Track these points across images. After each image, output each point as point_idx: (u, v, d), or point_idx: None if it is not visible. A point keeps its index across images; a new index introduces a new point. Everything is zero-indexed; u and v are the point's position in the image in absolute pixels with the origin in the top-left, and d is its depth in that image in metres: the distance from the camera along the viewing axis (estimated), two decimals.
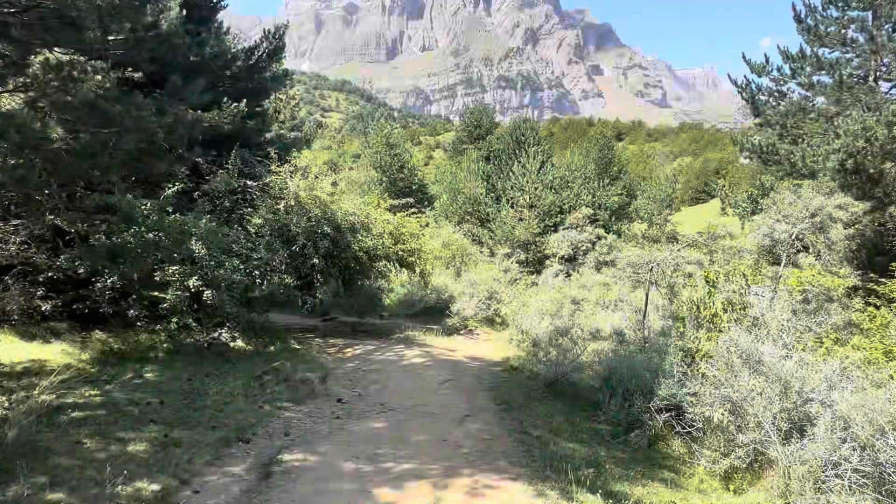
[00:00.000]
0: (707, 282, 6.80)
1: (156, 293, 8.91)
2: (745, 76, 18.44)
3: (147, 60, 7.20)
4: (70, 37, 4.72)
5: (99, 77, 5.04)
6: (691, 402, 5.48)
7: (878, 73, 16.26)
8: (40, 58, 4.87)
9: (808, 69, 17.12)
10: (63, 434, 4.83)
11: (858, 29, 16.64)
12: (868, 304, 8.55)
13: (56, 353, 7.62)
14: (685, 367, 6.08)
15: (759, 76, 18.36)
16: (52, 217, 8.44)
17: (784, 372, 5.02)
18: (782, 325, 5.99)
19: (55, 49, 5.23)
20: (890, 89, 16.11)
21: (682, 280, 12.42)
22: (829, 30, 16.91)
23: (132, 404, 5.98)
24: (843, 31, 16.93)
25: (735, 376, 5.22)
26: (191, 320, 8.64)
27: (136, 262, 7.92)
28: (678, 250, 12.13)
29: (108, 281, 7.90)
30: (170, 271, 8.14)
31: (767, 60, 18.20)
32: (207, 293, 8.61)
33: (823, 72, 16.94)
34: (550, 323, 10.75)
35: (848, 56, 17.02)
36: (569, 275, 19.58)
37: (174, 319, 8.39)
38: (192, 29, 9.45)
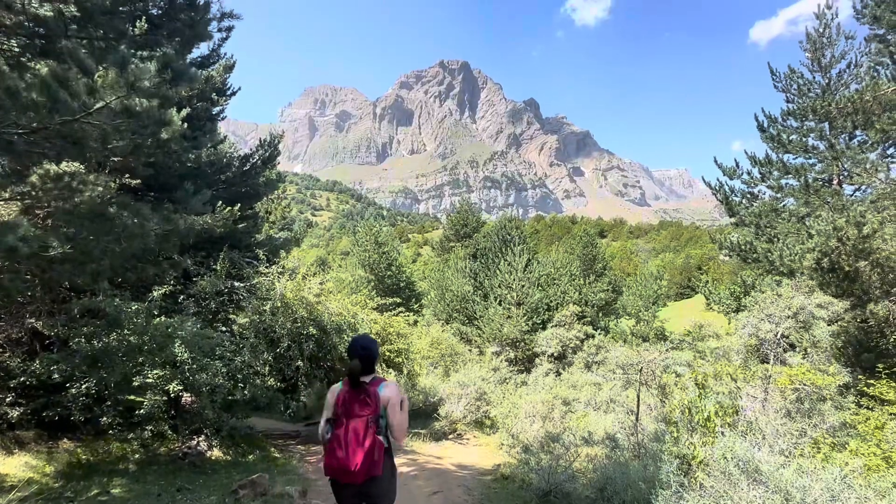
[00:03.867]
0: (696, 385, 6.73)
1: (132, 397, 8.59)
2: (717, 179, 19.43)
3: (144, 165, 7.46)
4: (73, 151, 4.93)
5: (101, 188, 5.19)
6: None
7: (840, 177, 17.24)
8: (40, 170, 5.04)
9: (776, 173, 18.13)
10: None
11: (818, 137, 17.84)
12: (860, 406, 8.45)
13: (19, 465, 7.17)
14: (682, 475, 5.84)
15: (731, 179, 19.35)
16: (32, 320, 8.29)
17: (783, 481, 4.85)
18: (777, 429, 5.87)
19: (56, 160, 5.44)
20: (853, 192, 16.99)
21: (673, 378, 12.27)
22: (790, 138, 18.11)
23: None
24: (803, 138, 18.13)
25: (734, 486, 5.02)
26: (167, 427, 8.30)
27: (118, 366, 7.70)
28: (666, 350, 12.09)
29: (84, 387, 7.62)
30: (150, 375, 7.90)
31: (737, 164, 19.26)
32: (186, 398, 8.32)
33: (790, 175, 17.93)
34: (542, 426, 10.44)
35: (811, 161, 18.11)
36: (559, 374, 19.25)
37: (149, 427, 8.04)
38: (189, 136, 9.90)
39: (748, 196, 19.11)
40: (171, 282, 9.48)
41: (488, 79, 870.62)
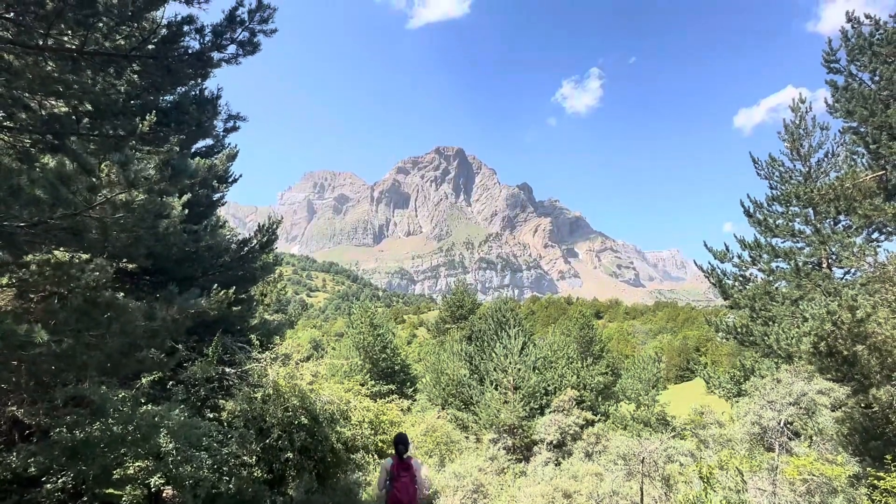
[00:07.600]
0: (701, 478, 6.48)
1: (110, 490, 8.15)
2: (709, 262, 19.63)
3: (143, 256, 7.55)
4: (72, 243, 5.03)
5: (97, 274, 5.24)
6: None
7: (829, 261, 17.48)
8: (39, 257, 5.12)
9: (766, 256, 18.36)
10: None
11: (803, 222, 18.26)
12: (872, 501, 8.09)
13: None
14: None
15: (722, 262, 19.55)
16: (13, 408, 8.02)
17: None
18: None
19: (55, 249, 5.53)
20: (843, 275, 17.17)
21: (677, 468, 11.77)
22: (777, 223, 18.53)
23: None
24: (790, 223, 18.54)
25: None
26: None
27: (98, 458, 7.37)
28: (668, 438, 11.72)
29: (60, 482, 7.25)
30: (132, 467, 7.56)
31: (727, 248, 19.54)
32: (167, 492, 7.90)
33: (780, 259, 18.14)
34: None
35: (799, 245, 18.42)
36: (558, 463, 18.48)
37: None
38: (190, 229, 10.07)
39: (741, 279, 19.22)
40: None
41: (483, 164, 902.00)
